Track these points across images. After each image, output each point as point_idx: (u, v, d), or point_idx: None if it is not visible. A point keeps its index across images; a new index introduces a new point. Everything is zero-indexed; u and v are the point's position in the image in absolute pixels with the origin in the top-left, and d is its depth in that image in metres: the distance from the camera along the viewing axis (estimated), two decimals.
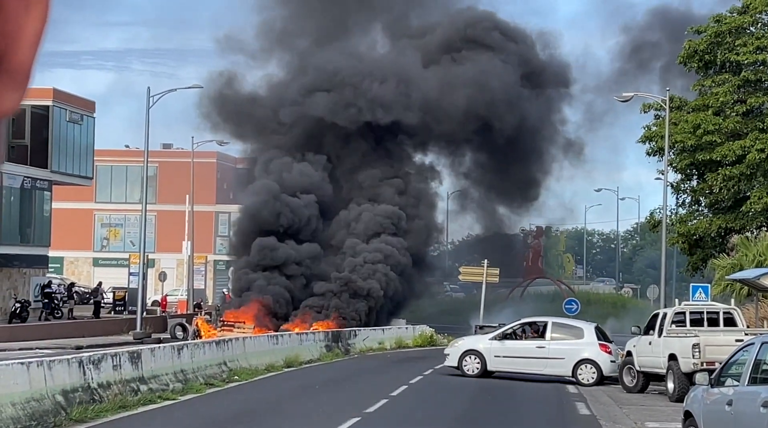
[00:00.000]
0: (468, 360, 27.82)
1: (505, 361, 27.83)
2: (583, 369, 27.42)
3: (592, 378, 27.31)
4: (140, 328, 43.87)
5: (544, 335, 27.88)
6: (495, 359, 27.79)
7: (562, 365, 27.52)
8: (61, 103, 47.19)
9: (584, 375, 27.38)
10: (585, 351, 27.50)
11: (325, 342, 35.65)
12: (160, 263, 66.50)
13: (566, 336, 27.93)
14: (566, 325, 28.91)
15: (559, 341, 27.68)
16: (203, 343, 24.74)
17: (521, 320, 29.70)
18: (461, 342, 28.83)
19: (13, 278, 45.33)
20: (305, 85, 50.53)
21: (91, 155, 50.63)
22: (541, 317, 30.25)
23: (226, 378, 24.01)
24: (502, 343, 27.90)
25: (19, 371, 15.14)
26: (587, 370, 27.42)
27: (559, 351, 27.52)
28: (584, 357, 27.40)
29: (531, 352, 27.66)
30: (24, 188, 44.87)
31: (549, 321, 28.78)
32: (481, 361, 27.79)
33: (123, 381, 18.68)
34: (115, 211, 70.89)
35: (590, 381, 27.20)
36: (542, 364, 27.64)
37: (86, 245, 70.52)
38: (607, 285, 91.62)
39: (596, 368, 27.38)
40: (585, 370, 27.42)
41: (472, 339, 28.96)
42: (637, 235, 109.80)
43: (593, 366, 27.39)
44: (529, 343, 27.91)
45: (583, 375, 27.38)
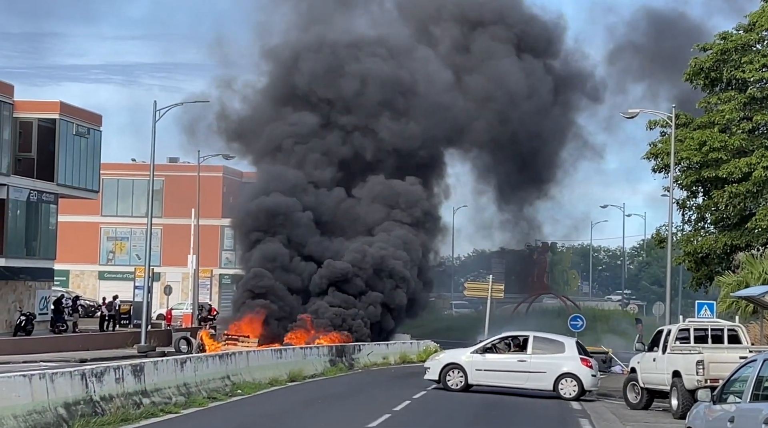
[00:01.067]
0: (451, 374, 27.79)
1: (486, 375, 27.81)
2: (565, 383, 27.45)
3: (573, 392, 27.33)
4: (145, 341, 43.87)
5: (526, 349, 27.88)
6: (476, 372, 27.77)
7: (544, 379, 27.55)
8: (67, 116, 47.33)
9: (565, 389, 27.41)
10: (566, 365, 27.55)
11: (329, 357, 35.62)
12: (165, 276, 66.56)
13: (547, 350, 27.93)
14: (547, 339, 28.91)
15: (540, 355, 27.69)
16: (206, 356, 24.72)
17: (502, 334, 29.63)
18: (442, 355, 28.70)
19: (18, 291, 45.38)
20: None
21: (97, 168, 50.74)
22: (522, 332, 30.28)
23: (229, 392, 23.97)
24: (484, 357, 27.89)
25: (21, 383, 15.15)
26: (568, 384, 27.44)
27: (541, 365, 27.56)
28: (565, 371, 27.45)
29: (512, 366, 27.66)
30: (30, 201, 44.96)
31: (530, 335, 28.77)
32: (464, 374, 27.74)
33: (125, 394, 18.67)
34: (121, 224, 71.00)
35: (571, 395, 27.27)
36: (524, 378, 27.65)
37: (92, 259, 70.61)
38: (613, 302, 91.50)
39: (577, 382, 27.41)
40: (566, 384, 27.44)
41: (454, 353, 28.84)
42: (643, 251, 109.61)
43: (574, 380, 27.42)
44: (510, 357, 27.88)
45: (564, 389, 27.41)
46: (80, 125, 48.09)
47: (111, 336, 47.25)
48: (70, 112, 47.74)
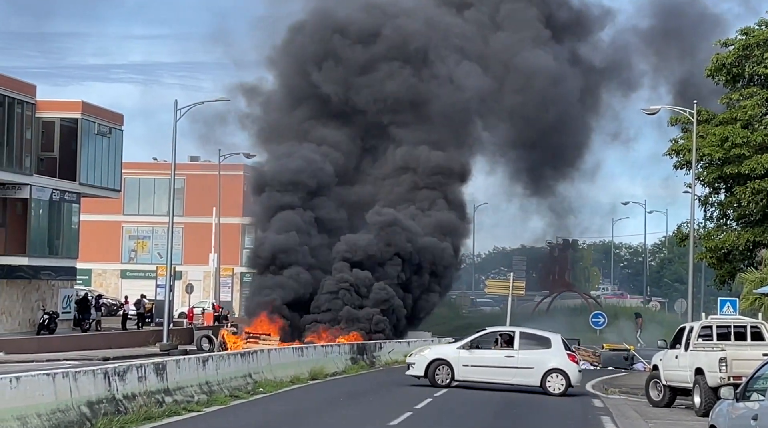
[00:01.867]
0: (440, 370, 27.73)
1: (473, 370, 27.80)
2: (552, 378, 27.47)
3: (560, 388, 27.37)
4: (167, 340, 44.04)
5: (512, 344, 27.87)
6: (463, 368, 27.75)
7: (531, 374, 27.58)
8: (89, 116, 47.54)
9: (553, 385, 27.44)
10: (553, 361, 27.59)
11: (351, 355, 35.66)
12: (187, 275, 66.76)
13: (534, 346, 27.97)
14: (534, 335, 28.93)
15: (527, 350, 27.69)
16: (228, 355, 24.80)
17: (487, 329, 29.55)
18: (427, 351, 28.59)
19: (41, 289, 45.63)
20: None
21: (119, 167, 50.94)
22: (509, 327, 30.16)
23: (251, 390, 24.04)
24: (471, 352, 27.85)
25: (44, 382, 15.25)
26: (556, 380, 27.47)
27: (529, 361, 27.57)
28: (553, 367, 27.49)
29: (500, 361, 27.65)
30: (53, 200, 45.20)
31: (516, 330, 28.80)
32: (450, 370, 27.69)
33: (148, 393, 18.75)
34: (142, 223, 71.27)
35: (558, 391, 27.31)
36: (511, 374, 27.67)
37: (114, 257, 70.93)
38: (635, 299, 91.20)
39: (565, 377, 27.47)
40: (554, 380, 27.47)
41: (440, 348, 28.81)
42: (665, 248, 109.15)
43: (562, 376, 27.48)
44: (498, 352, 27.86)
45: (551, 385, 27.44)
46: (102, 125, 48.29)
47: (133, 335, 47.46)
48: (92, 111, 47.95)
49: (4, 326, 42.86)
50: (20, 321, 44.04)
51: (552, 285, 76.30)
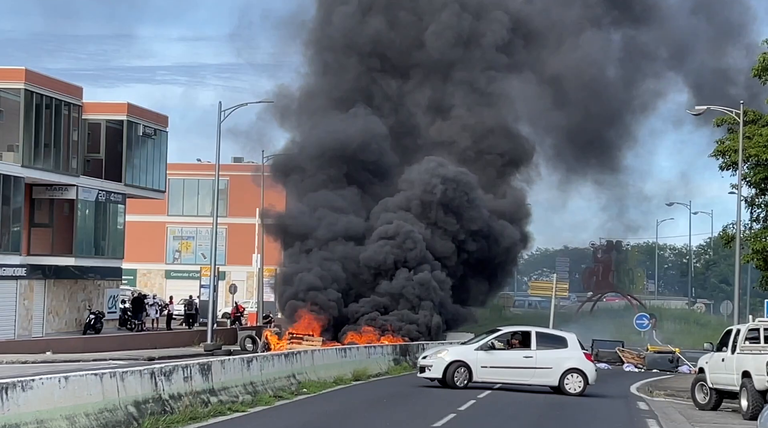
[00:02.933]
0: (458, 371, 27.59)
1: (492, 371, 27.67)
2: (570, 378, 27.38)
3: (579, 387, 27.27)
4: (211, 340, 44.34)
5: (529, 344, 27.74)
6: (482, 369, 27.61)
7: (549, 374, 27.47)
8: (135, 117, 48.00)
9: (571, 385, 27.34)
10: (571, 361, 27.50)
11: (393, 356, 35.67)
12: (230, 275, 67.14)
13: (551, 346, 27.85)
14: (550, 335, 28.94)
15: (545, 350, 27.57)
16: (272, 355, 24.90)
17: (502, 329, 29.42)
18: (444, 353, 28.32)
19: (87, 289, 46.13)
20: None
21: (163, 168, 51.38)
22: (524, 327, 30.11)
23: (294, 391, 24.12)
24: (489, 353, 27.71)
25: (92, 382, 15.41)
26: (574, 379, 27.36)
27: (547, 361, 27.45)
28: (571, 367, 27.39)
29: (518, 362, 27.54)
30: (99, 201, 45.68)
31: (533, 330, 28.65)
32: (468, 372, 27.57)
33: (193, 393, 18.88)
34: (186, 224, 71.76)
35: (577, 391, 27.21)
36: (529, 374, 27.56)
37: (159, 258, 71.48)
38: (680, 300, 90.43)
39: (583, 377, 27.38)
40: (572, 379, 27.37)
41: (457, 350, 28.55)
42: (710, 249, 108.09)
43: (580, 375, 27.38)
44: (516, 353, 27.74)
45: (570, 385, 27.34)
46: (147, 126, 48.73)
47: (178, 335, 47.84)
48: (137, 113, 48.41)
49: (51, 325, 43.38)
50: (67, 320, 44.56)
51: (596, 287, 75.84)
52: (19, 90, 40.69)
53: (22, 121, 40.76)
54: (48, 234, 43.68)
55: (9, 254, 40.37)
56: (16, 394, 13.48)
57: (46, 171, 42.17)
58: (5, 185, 39.66)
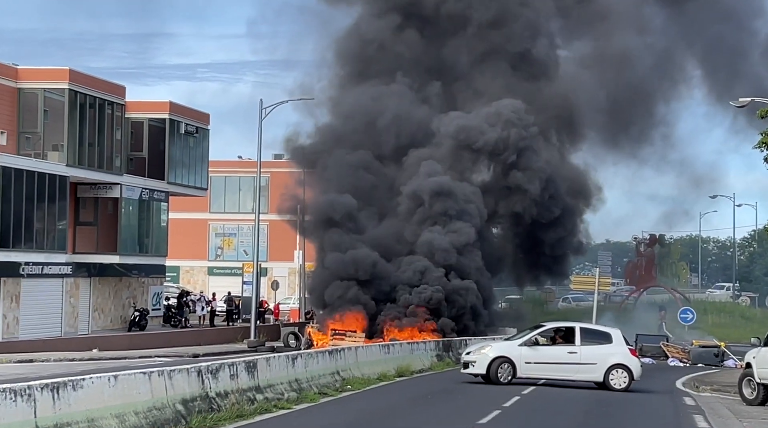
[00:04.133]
0: (502, 368, 27.46)
1: (536, 367, 27.54)
2: (615, 374, 27.25)
3: (624, 383, 27.12)
4: (254, 336, 44.56)
5: (573, 340, 27.61)
6: (526, 365, 27.49)
7: (594, 370, 27.33)
8: (177, 115, 48.33)
9: (616, 380, 27.21)
10: (616, 356, 27.34)
11: (436, 352, 35.67)
12: (272, 271, 67.41)
13: (595, 341, 27.70)
14: (594, 330, 28.74)
15: (589, 346, 27.42)
16: (316, 353, 24.99)
17: (546, 325, 29.24)
18: (488, 349, 28.20)
19: (132, 287, 46.56)
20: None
21: (205, 166, 51.70)
22: (568, 322, 29.84)
23: (339, 388, 24.20)
24: (533, 349, 27.60)
25: (141, 380, 15.57)
26: (619, 375, 27.23)
27: (591, 356, 27.31)
28: (616, 362, 27.24)
29: (563, 358, 27.42)
30: (142, 199, 46.08)
31: (577, 326, 28.54)
32: (512, 368, 27.47)
33: (240, 391, 19.01)
34: (228, 221, 72.16)
35: (622, 386, 27.05)
36: (574, 370, 27.43)
37: (201, 255, 71.93)
38: (725, 292, 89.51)
39: (628, 373, 27.23)
40: (617, 375, 27.24)
41: (501, 345, 28.43)
42: (755, 242, 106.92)
43: (625, 371, 27.23)
44: (560, 349, 27.62)
45: (615, 380, 27.21)
46: (189, 124, 49.05)
47: (221, 331, 48.14)
48: (179, 111, 48.73)
49: (96, 323, 43.84)
50: (112, 318, 45.01)
51: (639, 281, 75.27)
52: (63, 90, 41.12)
53: (67, 120, 41.19)
54: (93, 232, 44.13)
55: (55, 252, 40.83)
56: (67, 393, 13.65)
57: (91, 170, 42.59)
58: (51, 184, 40.11)
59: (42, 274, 40.22)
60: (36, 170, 39.34)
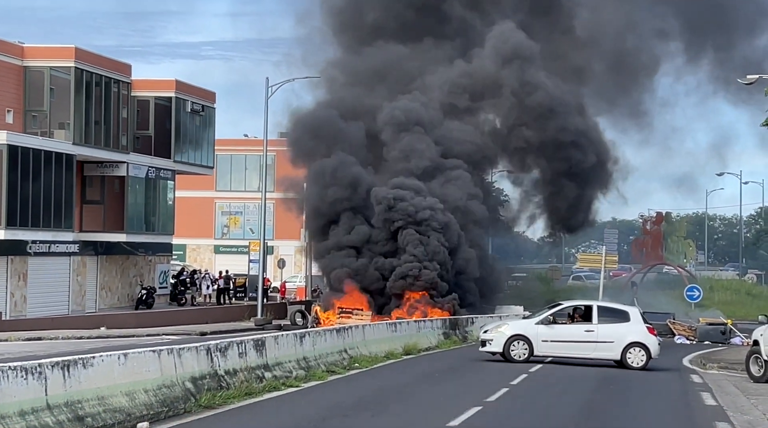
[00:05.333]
0: (516, 345, 27.51)
1: (553, 346, 27.55)
2: (633, 352, 27.26)
3: (641, 361, 27.16)
4: (261, 315, 44.67)
5: (590, 318, 27.59)
6: (542, 343, 27.50)
7: (611, 348, 27.33)
8: (183, 94, 48.29)
9: (633, 359, 27.23)
10: (633, 334, 27.32)
11: (443, 330, 35.73)
12: (278, 250, 67.49)
13: (613, 320, 27.67)
14: (612, 309, 28.61)
15: (606, 324, 27.43)
16: (324, 331, 25.04)
17: (563, 303, 29.24)
18: (505, 327, 28.25)
19: (139, 265, 46.67)
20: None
21: (211, 144, 51.71)
22: (586, 301, 29.82)
23: (346, 366, 24.25)
24: (550, 327, 27.58)
25: (151, 359, 15.61)
26: (637, 353, 27.25)
27: (608, 335, 27.30)
28: (634, 341, 27.24)
29: (580, 336, 27.40)
30: (149, 177, 46.11)
31: (594, 304, 28.51)
32: (528, 346, 27.49)
33: (248, 369, 19.06)
34: (234, 199, 72.21)
35: (639, 365, 27.08)
36: (591, 348, 27.41)
37: (208, 233, 72.03)
38: (731, 272, 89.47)
39: (645, 351, 27.23)
40: (634, 353, 27.26)
41: (518, 324, 28.47)
42: (761, 220, 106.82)
43: (642, 350, 27.24)
44: (577, 327, 27.58)
45: (632, 359, 27.24)
46: (195, 103, 49.01)
47: (228, 309, 48.27)
48: (185, 89, 48.68)
49: (104, 301, 43.98)
50: (119, 296, 45.14)
51: (645, 259, 75.31)
52: (69, 68, 41.08)
53: (73, 99, 41.18)
54: (99, 211, 44.22)
55: (62, 231, 40.90)
56: (78, 371, 13.69)
57: (97, 148, 42.61)
58: (57, 162, 40.15)
59: (49, 252, 40.32)
60: (42, 149, 39.37)
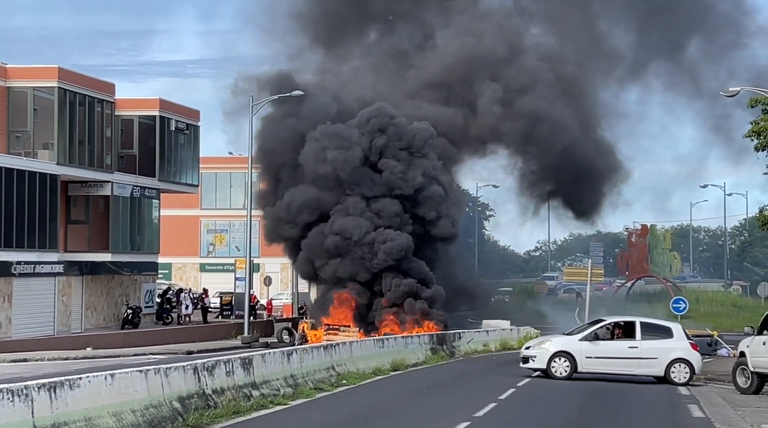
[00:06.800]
0: (557, 361, 27.53)
1: (597, 362, 27.65)
2: (677, 368, 27.43)
3: (685, 377, 27.34)
4: (248, 332, 44.54)
5: (633, 335, 27.69)
6: (586, 360, 27.57)
7: (655, 365, 27.47)
8: (167, 112, 48.23)
9: (677, 374, 27.41)
10: (677, 351, 27.54)
11: (430, 345, 35.71)
12: (264, 267, 67.36)
13: (656, 336, 27.83)
14: (655, 325, 28.76)
15: (650, 341, 27.58)
16: (311, 348, 25.00)
17: (606, 319, 29.28)
18: (548, 344, 28.29)
19: (124, 285, 46.50)
20: None
21: (196, 162, 51.61)
22: (628, 317, 29.97)
23: (334, 383, 24.21)
24: (595, 344, 27.68)
25: (137, 378, 15.55)
26: (680, 369, 27.43)
27: (652, 351, 27.48)
28: (678, 357, 27.45)
29: (623, 352, 27.54)
30: (133, 196, 46.00)
31: (637, 320, 28.57)
32: (571, 363, 27.51)
33: (236, 387, 19.01)
34: (220, 217, 72.11)
35: (683, 380, 27.26)
36: (635, 364, 27.55)
37: (193, 251, 71.87)
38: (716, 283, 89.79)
39: (689, 367, 27.45)
40: (678, 369, 27.43)
41: (561, 340, 28.45)
42: (746, 231, 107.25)
43: (686, 365, 27.45)
44: (621, 343, 27.71)
45: (676, 375, 27.41)
46: (179, 121, 48.95)
47: (215, 328, 48.08)
48: (169, 108, 48.63)
49: (89, 321, 43.78)
50: (105, 316, 44.95)
51: (631, 271, 75.47)
52: (52, 88, 41.01)
53: (57, 119, 41.09)
54: (84, 231, 44.07)
55: (46, 251, 40.74)
56: (65, 393, 13.63)
57: (81, 168, 42.50)
58: (41, 182, 40.02)
59: (34, 273, 40.14)
60: (26, 169, 39.25)
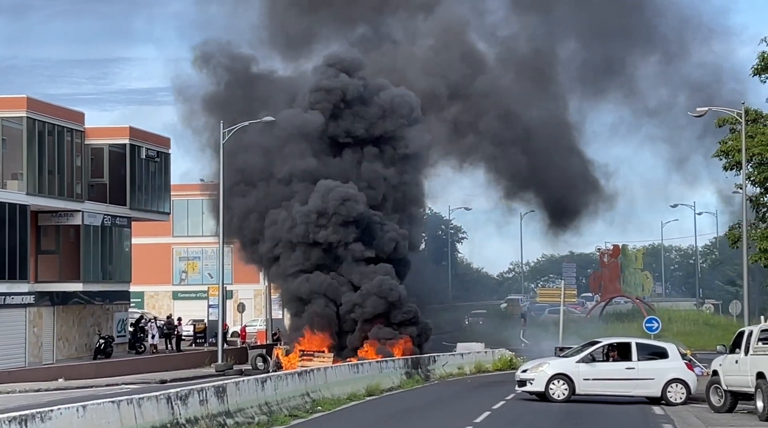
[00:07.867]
0: (555, 384, 27.60)
1: (594, 384, 27.73)
2: (673, 388, 27.61)
3: (681, 397, 27.52)
4: (222, 360, 44.29)
5: (629, 356, 27.84)
6: (584, 382, 27.64)
7: (652, 385, 27.65)
8: (137, 141, 48.06)
9: (674, 395, 27.59)
10: (673, 371, 27.78)
11: (405, 369, 35.65)
12: (237, 294, 67.12)
13: (652, 357, 28.08)
14: (650, 345, 29.05)
15: (646, 362, 27.78)
16: (286, 374, 24.90)
17: (601, 341, 29.36)
18: (546, 366, 28.30)
19: (96, 314, 46.15)
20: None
21: (167, 190, 51.39)
22: (624, 338, 30.06)
23: (309, 409, 24.11)
24: (592, 366, 27.78)
25: (110, 409, 15.44)
26: (677, 389, 27.60)
27: (649, 372, 27.68)
28: (674, 377, 27.64)
29: (621, 374, 27.72)
30: (104, 225, 45.75)
31: (632, 341, 28.77)
32: (569, 385, 27.56)
33: (210, 416, 18.90)
34: (192, 244, 71.80)
35: (679, 401, 27.42)
36: (632, 385, 27.70)
37: (166, 279, 71.49)
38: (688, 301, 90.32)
39: (685, 387, 27.66)
40: (675, 389, 27.60)
41: (559, 363, 28.47)
42: (717, 250, 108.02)
43: (683, 386, 27.64)
44: (618, 365, 27.87)
45: (672, 395, 27.58)
46: (149, 149, 48.79)
47: (188, 356, 47.76)
48: (139, 136, 48.47)
49: (61, 352, 43.39)
50: (77, 346, 44.57)
51: (603, 291, 75.76)
52: (21, 118, 40.80)
53: (26, 149, 40.86)
54: (55, 261, 43.74)
55: (17, 282, 40.40)
56: (36, 425, 13.50)
57: (51, 198, 42.24)
58: (11, 213, 39.74)
59: (4, 304, 39.78)
60: None
